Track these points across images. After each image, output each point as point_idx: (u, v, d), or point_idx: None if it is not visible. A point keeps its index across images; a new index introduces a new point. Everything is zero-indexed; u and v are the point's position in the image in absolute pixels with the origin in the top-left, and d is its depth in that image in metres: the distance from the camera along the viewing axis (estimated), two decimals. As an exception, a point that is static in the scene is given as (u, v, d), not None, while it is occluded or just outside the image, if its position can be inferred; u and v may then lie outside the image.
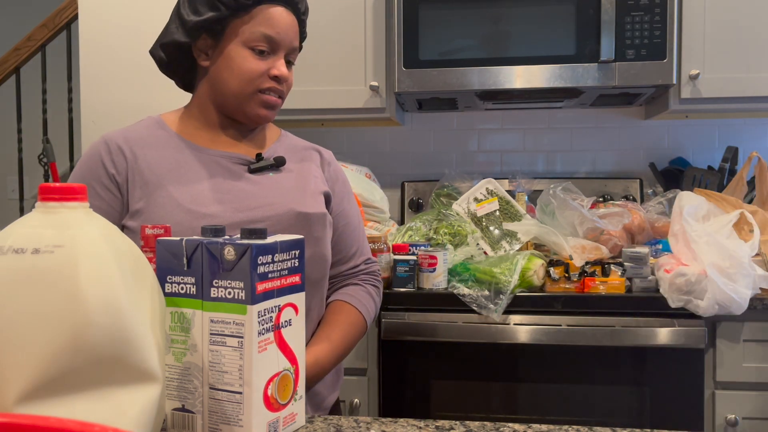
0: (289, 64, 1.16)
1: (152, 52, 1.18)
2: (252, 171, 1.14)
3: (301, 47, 1.21)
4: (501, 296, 1.65)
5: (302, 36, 1.21)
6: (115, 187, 1.10)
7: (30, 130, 3.54)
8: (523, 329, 1.68)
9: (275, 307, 0.76)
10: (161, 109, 2.47)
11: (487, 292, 1.67)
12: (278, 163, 1.16)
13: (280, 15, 1.13)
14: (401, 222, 2.39)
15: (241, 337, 0.73)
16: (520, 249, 1.89)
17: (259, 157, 1.15)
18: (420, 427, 0.85)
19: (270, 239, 0.77)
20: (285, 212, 1.09)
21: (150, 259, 0.81)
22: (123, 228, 1.10)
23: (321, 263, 1.13)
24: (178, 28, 1.14)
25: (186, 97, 1.24)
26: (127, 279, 0.65)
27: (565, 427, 0.84)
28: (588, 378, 1.68)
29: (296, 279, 0.80)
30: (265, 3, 1.12)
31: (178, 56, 1.17)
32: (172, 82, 1.26)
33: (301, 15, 1.17)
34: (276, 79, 1.13)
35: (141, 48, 2.45)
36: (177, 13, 1.15)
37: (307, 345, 1.12)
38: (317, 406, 1.17)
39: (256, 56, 1.12)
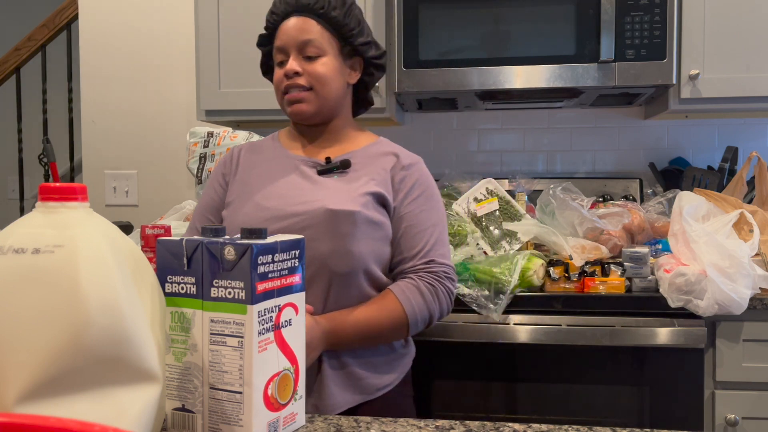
0: (308, 59, 1.25)
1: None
2: (320, 173, 1.26)
3: (345, 36, 1.27)
4: (501, 296, 1.65)
5: (334, 25, 1.26)
6: (225, 183, 1.33)
7: (30, 130, 3.55)
8: (523, 329, 1.68)
9: (275, 306, 0.76)
10: (159, 109, 2.48)
11: (487, 292, 1.67)
12: (343, 166, 1.27)
13: (286, 25, 1.26)
14: (401, 222, 2.39)
15: (242, 337, 0.73)
16: (520, 249, 1.89)
17: (328, 160, 1.28)
18: (420, 427, 0.85)
19: (270, 239, 0.77)
20: (317, 208, 1.20)
21: (150, 259, 0.82)
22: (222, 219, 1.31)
23: (345, 258, 1.19)
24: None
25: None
26: (127, 279, 0.65)
27: (565, 427, 0.84)
28: (588, 378, 1.68)
29: (296, 279, 0.80)
30: (280, 23, 1.27)
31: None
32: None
33: (315, 13, 1.25)
34: (286, 76, 1.25)
35: (141, 48, 2.45)
36: None
37: None
38: (364, 389, 1.21)
39: (278, 68, 1.28)
